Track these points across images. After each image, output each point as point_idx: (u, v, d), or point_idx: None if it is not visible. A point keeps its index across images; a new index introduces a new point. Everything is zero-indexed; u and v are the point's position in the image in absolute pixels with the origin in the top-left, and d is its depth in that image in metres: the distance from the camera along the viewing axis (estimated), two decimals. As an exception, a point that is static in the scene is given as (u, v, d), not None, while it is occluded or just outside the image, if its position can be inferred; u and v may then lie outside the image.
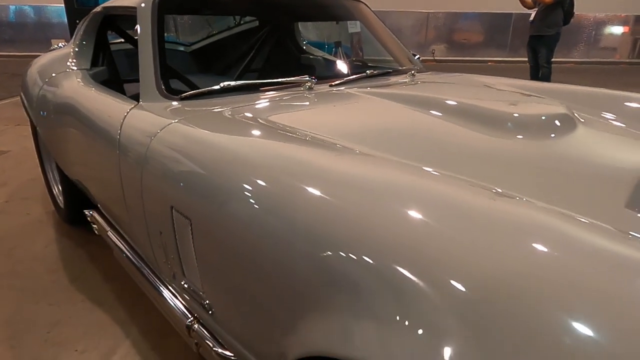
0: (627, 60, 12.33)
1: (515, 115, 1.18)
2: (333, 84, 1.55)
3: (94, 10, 1.99)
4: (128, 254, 1.53)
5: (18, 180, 2.92)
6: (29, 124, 4.47)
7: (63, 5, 11.46)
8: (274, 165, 0.84)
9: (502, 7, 10.68)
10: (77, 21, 8.76)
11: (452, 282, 0.52)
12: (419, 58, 2.28)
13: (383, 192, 0.69)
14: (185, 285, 1.08)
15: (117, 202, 1.39)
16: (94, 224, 1.85)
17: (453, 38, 12.20)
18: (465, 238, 0.56)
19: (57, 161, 1.99)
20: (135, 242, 1.41)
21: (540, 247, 0.53)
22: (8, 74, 8.12)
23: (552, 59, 5.53)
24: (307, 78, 1.46)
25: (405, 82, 1.69)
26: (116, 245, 1.61)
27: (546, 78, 5.41)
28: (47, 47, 11.59)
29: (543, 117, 1.19)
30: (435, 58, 11.84)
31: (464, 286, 0.51)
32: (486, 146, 1.05)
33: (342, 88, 1.53)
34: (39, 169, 3.03)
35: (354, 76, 1.65)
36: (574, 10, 5.59)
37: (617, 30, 12.38)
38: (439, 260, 0.55)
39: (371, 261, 0.59)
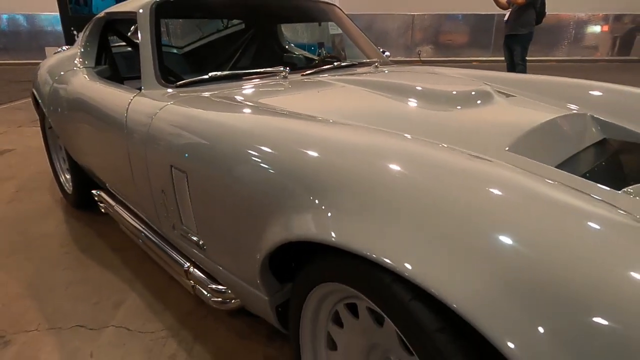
0: (607, 58, 12.73)
1: (454, 92, 1.47)
2: (305, 73, 1.83)
3: (97, 16, 2.26)
4: (133, 222, 1.79)
5: (25, 173, 3.17)
6: (30, 125, 4.72)
7: (55, 13, 11.67)
8: (254, 128, 1.11)
9: (485, 8, 11.06)
10: (72, 28, 8.91)
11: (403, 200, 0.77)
12: (388, 55, 2.57)
13: (356, 148, 0.89)
14: (183, 232, 1.35)
15: (124, 177, 1.65)
16: (101, 202, 2.11)
17: (438, 39, 12.56)
18: (417, 173, 0.77)
19: (69, 150, 2.25)
20: (140, 207, 1.67)
21: (481, 185, 0.71)
22: (5, 80, 8.34)
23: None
24: (282, 69, 1.74)
25: (369, 71, 1.97)
26: (122, 217, 1.88)
27: (522, 74, 5.69)
28: (40, 54, 11.70)
29: (473, 93, 1.48)
30: (422, 59, 12.17)
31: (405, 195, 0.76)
32: (430, 114, 1.33)
33: (313, 77, 1.81)
34: (44, 164, 3.29)
35: (324, 67, 1.94)
36: (546, 10, 5.89)
37: (597, 29, 12.77)
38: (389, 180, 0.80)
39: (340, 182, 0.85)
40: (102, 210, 2.13)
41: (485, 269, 0.60)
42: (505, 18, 5.82)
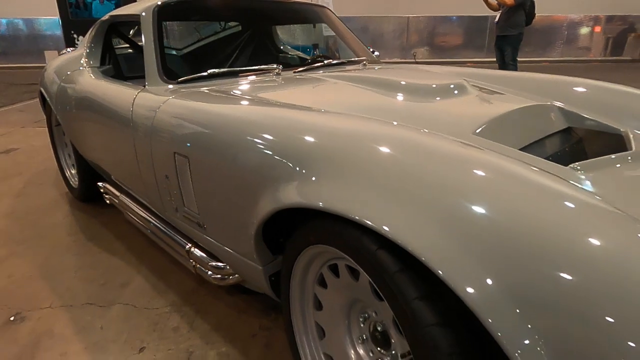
0: (600, 59, 12.91)
1: (434, 85, 1.60)
2: (297, 70, 1.97)
3: (101, 19, 2.39)
4: (137, 210, 1.93)
5: (31, 170, 3.30)
6: (33, 126, 4.84)
7: (53, 17, 11.75)
8: (249, 116, 1.24)
9: (478, 10, 11.23)
10: (72, 31, 9.06)
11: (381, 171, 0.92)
12: (378, 55, 2.71)
13: (344, 130, 1.01)
14: (185, 214, 1.48)
15: (130, 167, 1.78)
16: (107, 194, 2.24)
17: (433, 41, 12.72)
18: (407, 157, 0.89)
19: (76, 145, 2.38)
20: (144, 194, 1.80)
21: (447, 159, 0.84)
22: (5, 83, 8.45)
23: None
24: (275, 66, 1.87)
25: (357, 69, 2.11)
26: (127, 206, 2.02)
27: (513, 74, 5.84)
28: (40, 58, 11.79)
29: (451, 86, 1.62)
30: (417, 60, 12.33)
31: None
32: (411, 104, 1.47)
33: (304, 74, 1.94)
34: (49, 162, 3.43)
35: (315, 65, 2.07)
36: (535, 11, 6.04)
37: (590, 30, 12.95)
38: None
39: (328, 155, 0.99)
40: (107, 201, 2.26)
41: (445, 225, 0.72)
42: (496, 19, 5.98)
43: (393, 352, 0.96)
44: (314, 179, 0.94)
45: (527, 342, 0.63)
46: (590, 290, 0.60)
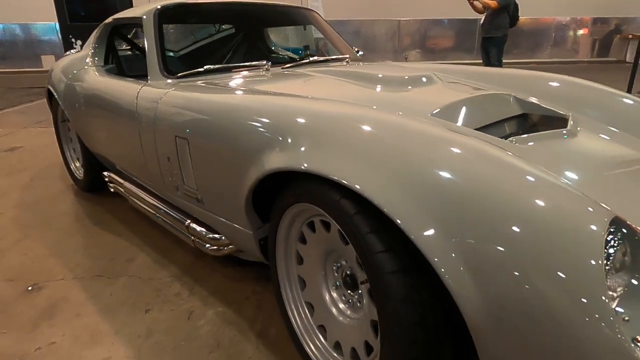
0: (587, 60, 13.22)
1: (406, 77, 1.81)
2: (284, 66, 2.17)
3: (105, 22, 2.59)
4: (140, 194, 2.12)
5: (36, 166, 3.48)
6: (35, 126, 5.02)
7: (49, 22, 11.90)
8: (240, 101, 1.44)
9: (468, 13, 11.50)
10: (70, 36, 9.23)
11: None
12: (362, 54, 2.93)
13: (327, 110, 1.21)
14: (185, 191, 1.68)
15: (135, 154, 1.97)
16: (111, 182, 2.44)
17: (424, 44, 12.98)
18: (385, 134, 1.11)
19: (83, 138, 2.57)
20: (147, 178, 2.00)
21: (406, 131, 1.05)
22: (4, 87, 8.62)
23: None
24: (264, 62, 2.08)
25: (340, 65, 2.32)
26: (130, 191, 2.21)
27: (498, 75, 6.07)
28: (36, 62, 11.93)
29: (423, 78, 1.83)
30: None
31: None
32: (385, 93, 1.67)
33: (292, 70, 2.15)
34: (52, 158, 3.62)
35: (302, 62, 2.28)
36: (519, 14, 6.28)
37: (577, 32, 13.26)
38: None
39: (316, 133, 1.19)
40: (111, 189, 2.45)
41: (395, 177, 0.92)
42: (481, 22, 6.21)
43: (359, 292, 1.16)
44: (298, 148, 1.14)
45: (453, 255, 0.82)
46: (501, 220, 0.81)
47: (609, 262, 0.77)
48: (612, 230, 0.78)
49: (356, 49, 2.98)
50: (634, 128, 1.63)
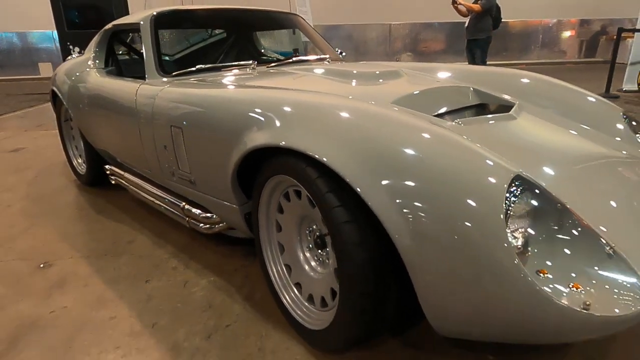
0: (574, 60, 13.53)
1: (377, 72, 2.04)
2: (269, 66, 2.40)
3: (105, 28, 2.81)
4: (139, 182, 2.33)
5: (39, 165, 3.69)
6: (36, 129, 5.22)
7: (46, 30, 12.12)
8: (229, 93, 1.66)
9: (457, 17, 11.80)
10: (68, 43, 9.45)
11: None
12: (344, 55, 3.16)
13: (307, 98, 1.44)
14: (180, 175, 1.90)
15: (134, 146, 2.19)
16: (112, 175, 2.65)
17: (415, 47, 13.26)
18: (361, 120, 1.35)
19: (86, 135, 2.78)
20: (146, 167, 2.21)
21: (371, 116, 1.31)
22: (3, 94, 8.82)
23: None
24: (250, 62, 2.30)
25: (321, 64, 2.54)
26: (130, 181, 2.42)
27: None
28: (34, 70, 12.12)
29: (392, 73, 2.06)
30: (399, 65, 12.81)
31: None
32: (359, 86, 1.89)
33: (276, 69, 2.37)
34: (55, 158, 3.82)
35: (286, 61, 2.51)
36: (501, 16, 6.53)
37: (564, 33, 13.58)
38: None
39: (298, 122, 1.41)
40: (112, 182, 2.67)
41: (353, 149, 1.14)
42: (466, 25, 6.46)
43: (327, 249, 1.38)
44: (277, 128, 1.35)
45: (388, 200, 1.04)
46: (423, 170, 1.03)
47: (510, 204, 0.99)
48: (514, 177, 1.01)
49: (339, 51, 3.22)
50: (591, 120, 1.85)
